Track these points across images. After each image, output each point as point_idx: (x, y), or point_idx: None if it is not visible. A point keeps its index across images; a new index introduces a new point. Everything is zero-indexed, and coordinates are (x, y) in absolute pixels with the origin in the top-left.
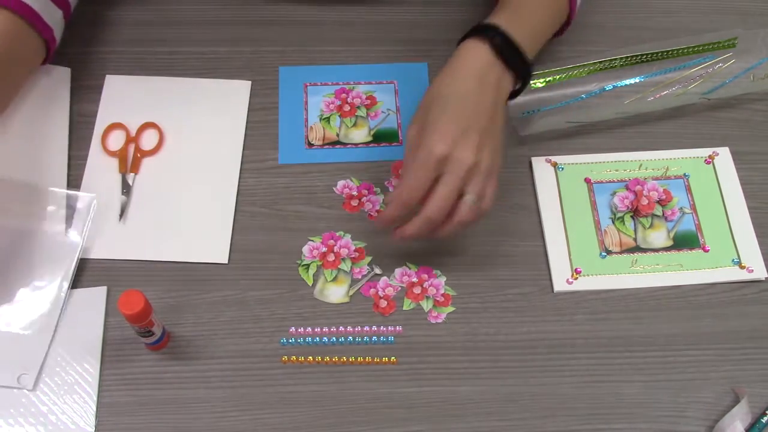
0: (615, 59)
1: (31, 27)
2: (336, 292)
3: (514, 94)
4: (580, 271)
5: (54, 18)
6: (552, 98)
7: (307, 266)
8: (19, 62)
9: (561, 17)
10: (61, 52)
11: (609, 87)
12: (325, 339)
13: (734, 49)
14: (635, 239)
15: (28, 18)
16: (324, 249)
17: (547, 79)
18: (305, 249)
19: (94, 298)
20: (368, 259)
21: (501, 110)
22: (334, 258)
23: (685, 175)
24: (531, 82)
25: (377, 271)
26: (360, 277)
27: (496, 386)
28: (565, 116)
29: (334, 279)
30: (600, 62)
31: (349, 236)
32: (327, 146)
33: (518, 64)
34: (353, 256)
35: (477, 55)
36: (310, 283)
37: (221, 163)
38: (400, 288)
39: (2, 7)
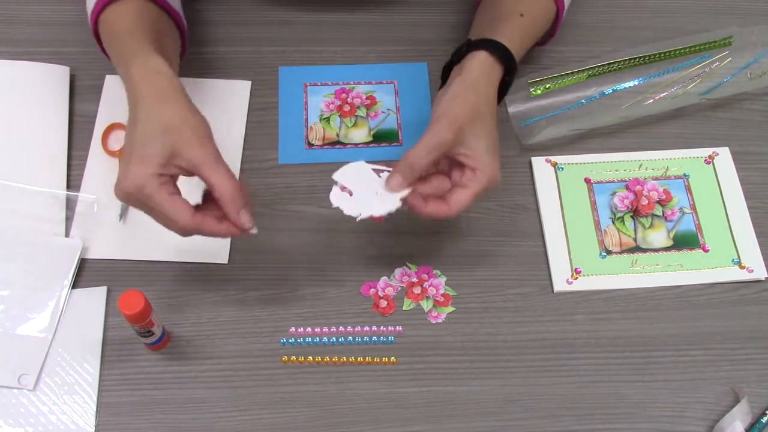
0: (613, 63)
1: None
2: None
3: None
4: (580, 271)
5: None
6: (551, 105)
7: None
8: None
9: (544, 27)
10: (61, 52)
11: (608, 91)
12: (325, 339)
13: (730, 48)
14: (635, 239)
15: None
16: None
17: (546, 86)
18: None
19: (94, 298)
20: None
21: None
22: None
23: (685, 175)
24: (531, 90)
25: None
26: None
27: (496, 386)
28: (567, 125)
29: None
30: (599, 66)
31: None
32: (327, 146)
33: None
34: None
35: (487, 64)
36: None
37: None
38: (400, 288)
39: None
